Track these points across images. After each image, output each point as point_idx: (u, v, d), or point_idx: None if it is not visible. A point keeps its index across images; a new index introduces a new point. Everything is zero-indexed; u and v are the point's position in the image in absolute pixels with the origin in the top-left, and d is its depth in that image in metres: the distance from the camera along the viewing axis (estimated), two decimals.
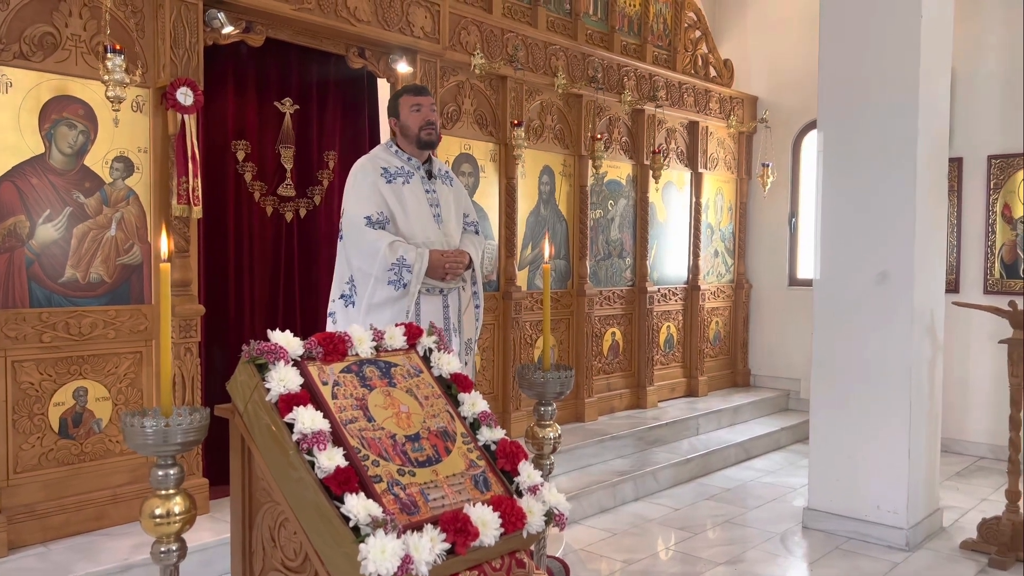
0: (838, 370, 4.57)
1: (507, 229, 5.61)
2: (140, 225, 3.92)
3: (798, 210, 7.79)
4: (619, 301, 6.60)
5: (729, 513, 5.00)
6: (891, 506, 4.37)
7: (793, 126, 7.69)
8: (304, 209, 4.81)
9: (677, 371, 7.27)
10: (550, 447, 2.29)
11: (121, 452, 3.88)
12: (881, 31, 4.38)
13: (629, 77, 6.44)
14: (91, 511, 3.76)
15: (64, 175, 3.69)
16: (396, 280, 3.25)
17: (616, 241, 6.57)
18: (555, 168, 6.01)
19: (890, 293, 4.37)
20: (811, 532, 4.60)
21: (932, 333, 4.52)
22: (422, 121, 3.43)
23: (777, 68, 7.77)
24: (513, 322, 5.62)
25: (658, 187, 6.88)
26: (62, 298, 3.69)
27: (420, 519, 1.73)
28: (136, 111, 3.87)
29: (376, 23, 4.64)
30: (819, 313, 4.65)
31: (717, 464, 5.98)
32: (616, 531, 4.64)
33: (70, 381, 3.73)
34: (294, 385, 1.79)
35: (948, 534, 4.58)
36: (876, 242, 4.41)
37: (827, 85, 4.60)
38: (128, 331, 3.88)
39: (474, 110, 5.43)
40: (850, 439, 4.51)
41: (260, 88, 4.61)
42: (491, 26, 5.41)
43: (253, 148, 4.58)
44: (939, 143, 4.55)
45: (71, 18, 3.67)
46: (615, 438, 5.75)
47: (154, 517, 1.63)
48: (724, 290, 7.77)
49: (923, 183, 4.35)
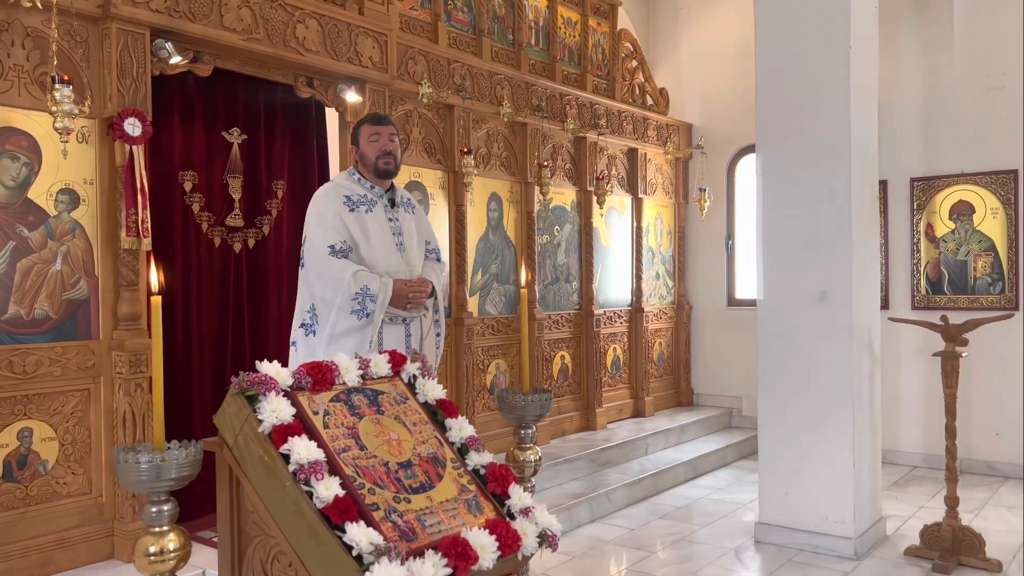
0: (783, 387, 4.72)
1: (457, 256, 5.65)
2: (87, 259, 3.82)
3: (734, 232, 8.04)
4: (567, 324, 6.69)
5: (683, 531, 5.09)
6: (839, 517, 4.52)
7: (727, 151, 7.97)
8: (253, 239, 4.75)
9: (624, 392, 7.38)
10: (531, 470, 2.32)
11: (68, 494, 3.74)
12: (813, 58, 4.60)
13: (571, 106, 6.59)
14: (36, 557, 3.61)
15: (7, 208, 3.57)
16: (359, 310, 3.24)
17: (563, 265, 6.67)
18: (503, 195, 6.09)
19: (830, 312, 4.55)
20: (763, 546, 4.72)
21: (870, 349, 4.72)
22: (379, 151, 3.45)
23: (710, 96, 8.05)
24: (465, 348, 5.63)
25: (602, 212, 7.03)
26: (5, 335, 3.55)
27: (420, 545, 1.74)
28: (82, 142, 3.79)
29: (324, 53, 4.65)
30: (763, 333, 4.80)
31: (667, 483, 6.09)
32: (574, 554, 4.67)
33: (14, 422, 3.58)
34: (287, 416, 1.77)
35: (892, 542, 4.76)
36: (815, 263, 4.59)
37: (763, 111, 4.79)
38: (75, 368, 3.76)
39: (423, 138, 5.47)
40: (797, 454, 4.65)
41: (208, 118, 4.56)
42: (438, 56, 5.48)
43: (201, 178, 4.51)
44: (870, 165, 4.79)
45: (13, 48, 3.58)
46: (568, 461, 5.80)
47: (148, 555, 1.59)
48: (666, 311, 7.94)
49: (857, 204, 4.57)
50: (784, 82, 4.71)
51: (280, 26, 4.42)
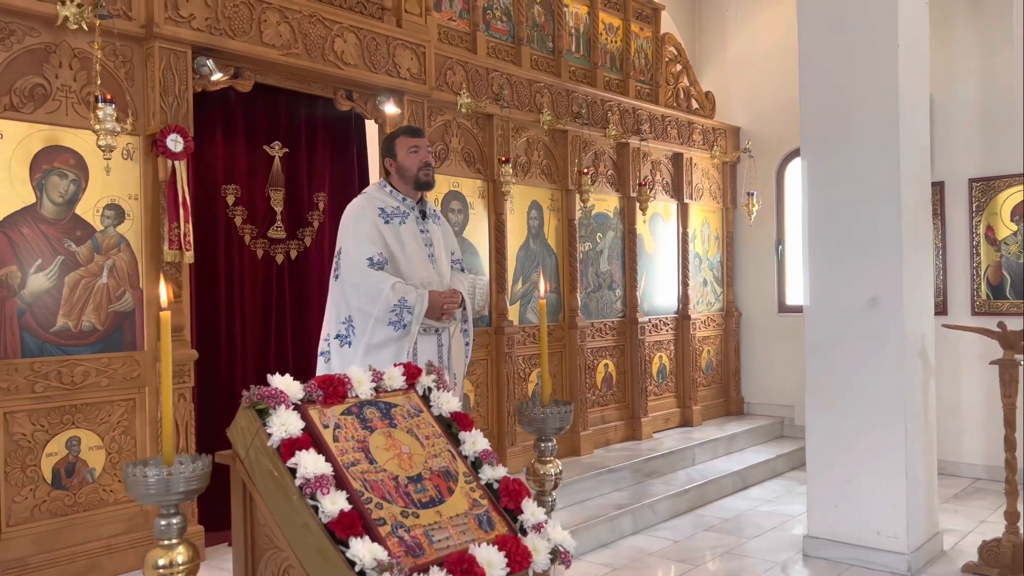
0: (832, 396, 4.57)
1: (497, 264, 5.64)
2: (132, 272, 3.92)
3: (784, 237, 7.86)
4: (611, 333, 6.62)
5: (729, 544, 4.97)
6: (891, 531, 4.36)
7: (776, 154, 7.80)
8: (295, 251, 4.82)
9: (671, 401, 7.26)
10: (551, 483, 2.29)
11: (115, 501, 3.84)
12: (859, 59, 4.46)
13: (613, 112, 6.53)
14: (84, 563, 3.71)
15: (55, 224, 3.69)
16: (397, 321, 3.27)
17: (606, 273, 6.61)
18: (543, 203, 6.06)
19: (881, 318, 4.40)
20: (812, 560, 4.58)
21: (924, 356, 4.55)
22: (420, 162, 3.47)
23: (758, 98, 7.90)
24: (506, 357, 5.62)
25: (645, 219, 6.94)
26: (54, 347, 3.67)
27: (426, 561, 1.72)
28: (127, 159, 3.89)
29: (363, 66, 4.70)
30: (810, 340, 4.67)
31: (714, 494, 5.96)
32: (616, 566, 4.60)
33: (63, 431, 3.69)
34: (295, 429, 1.78)
35: (949, 558, 4.57)
36: (864, 268, 4.45)
37: (808, 114, 4.67)
38: (121, 378, 3.86)
39: (461, 148, 5.48)
40: (847, 465, 4.50)
41: (249, 132, 4.65)
42: (476, 66, 5.49)
43: (243, 192, 4.60)
44: (922, 167, 4.63)
45: (61, 69, 3.70)
46: (612, 471, 5.72)
47: (157, 568, 1.62)
48: (714, 319, 7.80)
49: (908, 207, 4.41)
50: (829, 83, 4.58)
51: (319, 40, 4.49)
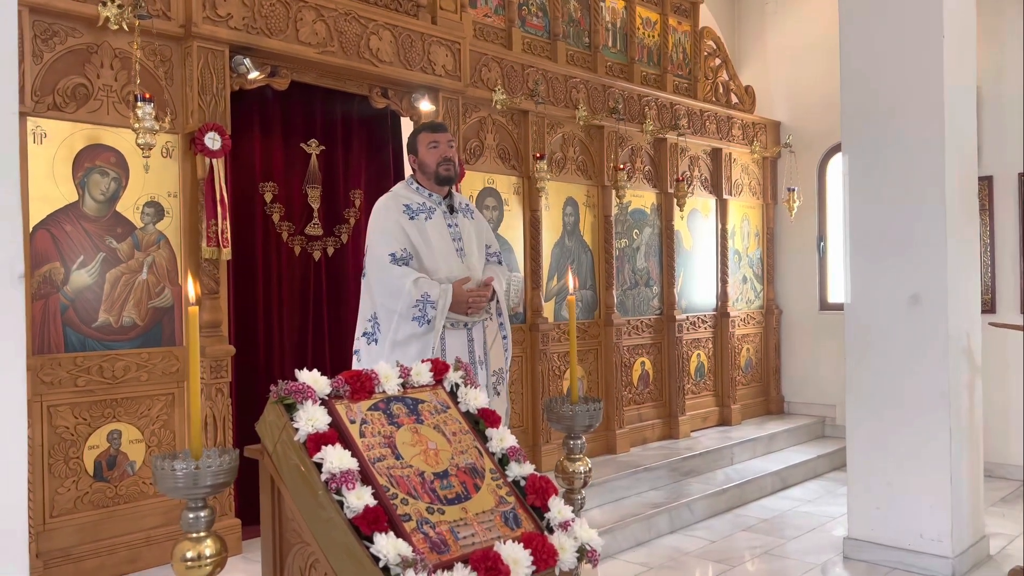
0: (873, 396, 4.47)
1: (532, 261, 5.62)
2: (171, 268, 3.99)
3: (826, 234, 7.71)
4: (647, 330, 6.56)
5: (767, 544, 4.89)
6: (935, 534, 4.25)
7: (818, 150, 7.65)
8: (332, 248, 4.86)
9: (709, 400, 7.18)
10: (580, 481, 2.26)
11: (155, 494, 3.90)
12: (903, 53, 4.35)
13: (650, 107, 6.47)
14: (125, 554, 3.78)
15: (97, 221, 3.77)
16: (420, 316, 3.27)
17: (642, 270, 6.55)
18: (579, 199, 6.03)
19: (923, 316, 4.29)
20: (852, 563, 4.48)
21: (969, 355, 4.42)
22: (439, 158, 3.48)
23: (799, 92, 7.75)
24: (541, 354, 5.60)
25: (683, 215, 6.86)
26: (96, 342, 3.75)
27: (450, 558, 1.72)
28: (166, 157, 3.96)
29: (398, 63, 4.72)
30: (851, 338, 4.57)
31: (753, 494, 5.87)
32: (652, 565, 4.55)
33: (104, 424, 3.77)
34: (322, 424, 1.79)
35: (996, 562, 4.44)
36: (907, 264, 4.34)
37: (849, 109, 4.57)
38: (160, 373, 3.93)
39: (496, 144, 5.47)
40: (889, 466, 4.40)
41: (286, 130, 4.69)
42: (511, 62, 5.48)
43: (280, 189, 4.65)
44: (967, 161, 4.50)
45: (102, 69, 3.77)
46: (648, 469, 5.67)
47: (185, 561, 1.63)
48: (754, 316, 7.69)
49: (952, 202, 4.29)
50: (871, 78, 4.46)
51: (354, 38, 4.51)
